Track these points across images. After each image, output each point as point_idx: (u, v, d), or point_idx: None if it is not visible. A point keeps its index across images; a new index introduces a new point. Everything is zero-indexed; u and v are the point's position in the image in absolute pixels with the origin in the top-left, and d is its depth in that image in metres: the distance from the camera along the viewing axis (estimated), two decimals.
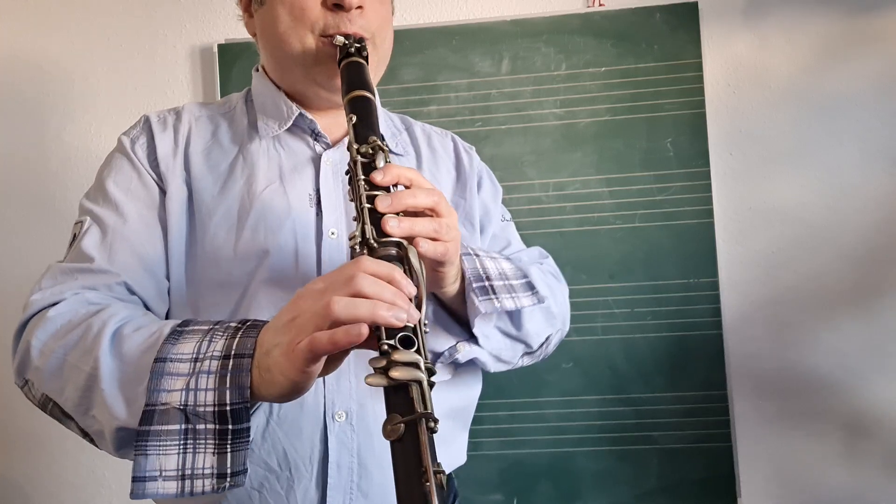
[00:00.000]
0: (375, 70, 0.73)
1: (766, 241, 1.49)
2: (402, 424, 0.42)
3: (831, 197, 1.47)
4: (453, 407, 0.74)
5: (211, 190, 0.68)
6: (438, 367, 0.66)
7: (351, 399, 0.65)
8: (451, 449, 0.75)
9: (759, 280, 1.48)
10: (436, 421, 0.42)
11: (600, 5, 1.52)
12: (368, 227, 0.51)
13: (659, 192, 1.47)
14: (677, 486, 1.44)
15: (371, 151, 0.55)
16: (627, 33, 1.49)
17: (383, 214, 0.51)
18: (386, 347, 0.44)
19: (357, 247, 0.51)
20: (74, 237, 0.66)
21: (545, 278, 0.75)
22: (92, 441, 0.56)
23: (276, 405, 0.63)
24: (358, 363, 0.65)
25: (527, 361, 0.76)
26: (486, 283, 0.63)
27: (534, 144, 1.50)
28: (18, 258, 1.58)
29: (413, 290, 0.48)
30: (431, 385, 0.45)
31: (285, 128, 0.72)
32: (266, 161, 0.71)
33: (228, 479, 0.48)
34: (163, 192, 0.68)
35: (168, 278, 0.67)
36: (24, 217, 1.59)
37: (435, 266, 0.58)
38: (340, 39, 0.65)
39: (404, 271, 0.49)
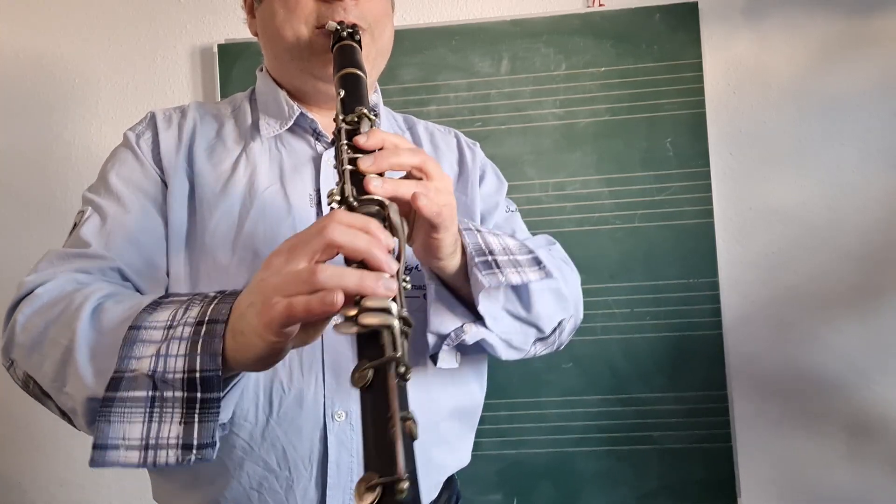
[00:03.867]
0: (374, 63, 0.72)
1: (766, 241, 1.49)
2: (371, 370, 0.39)
3: (831, 197, 1.47)
4: (458, 407, 0.73)
5: (213, 187, 0.68)
6: (444, 350, 0.64)
7: (351, 398, 0.65)
8: (456, 450, 0.75)
9: (759, 280, 1.48)
10: (407, 367, 0.40)
11: (600, 5, 1.52)
12: (348, 186, 0.49)
13: (659, 192, 1.47)
14: (677, 486, 1.44)
15: (356, 119, 0.54)
16: (627, 33, 1.49)
17: (365, 175, 0.49)
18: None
19: (335, 205, 0.49)
20: (75, 225, 0.67)
21: (555, 262, 0.73)
22: (70, 421, 0.55)
23: (276, 404, 0.63)
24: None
25: (540, 349, 0.73)
26: (490, 258, 0.60)
27: (534, 144, 1.50)
28: (18, 257, 1.58)
29: (391, 243, 0.46)
30: (405, 334, 0.42)
31: (286, 127, 0.72)
32: (268, 161, 0.71)
33: (194, 452, 0.46)
34: (165, 186, 0.68)
35: (168, 273, 0.67)
36: (25, 216, 1.60)
37: (429, 232, 0.55)
38: (332, 25, 0.65)
39: (385, 228, 0.47)
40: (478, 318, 0.64)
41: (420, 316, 0.64)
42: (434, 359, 0.65)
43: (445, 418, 0.71)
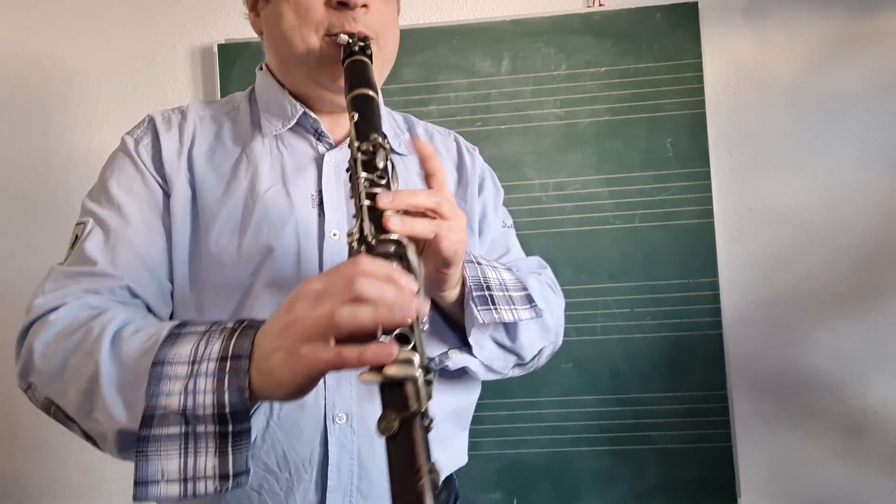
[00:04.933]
0: (380, 70, 0.72)
1: (765, 241, 1.49)
2: (397, 421, 0.41)
3: (831, 197, 1.47)
4: (451, 408, 0.73)
5: (214, 191, 0.68)
6: None
7: (351, 401, 0.65)
8: (450, 449, 0.75)
9: (759, 280, 1.48)
10: (431, 420, 0.42)
11: (600, 5, 1.51)
12: (367, 225, 0.50)
13: (659, 192, 1.47)
14: (676, 486, 1.44)
15: (372, 149, 0.55)
16: (627, 33, 1.49)
17: (383, 212, 0.50)
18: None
19: (355, 244, 0.50)
20: (76, 238, 0.66)
21: (543, 290, 0.75)
22: (95, 444, 0.56)
23: (276, 406, 0.63)
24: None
25: (517, 373, 0.76)
26: (487, 293, 0.63)
27: (534, 144, 1.50)
28: (19, 258, 1.58)
29: (415, 287, 0.47)
30: (428, 383, 0.44)
31: (289, 126, 0.72)
32: (269, 161, 0.70)
33: (231, 480, 0.48)
34: (166, 194, 0.68)
35: (171, 280, 0.67)
36: (25, 217, 1.60)
37: (440, 267, 0.57)
38: (344, 38, 0.65)
39: (402, 269, 0.49)
40: (464, 345, 0.67)
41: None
42: None
43: (441, 419, 0.72)
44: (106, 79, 1.60)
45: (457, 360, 0.66)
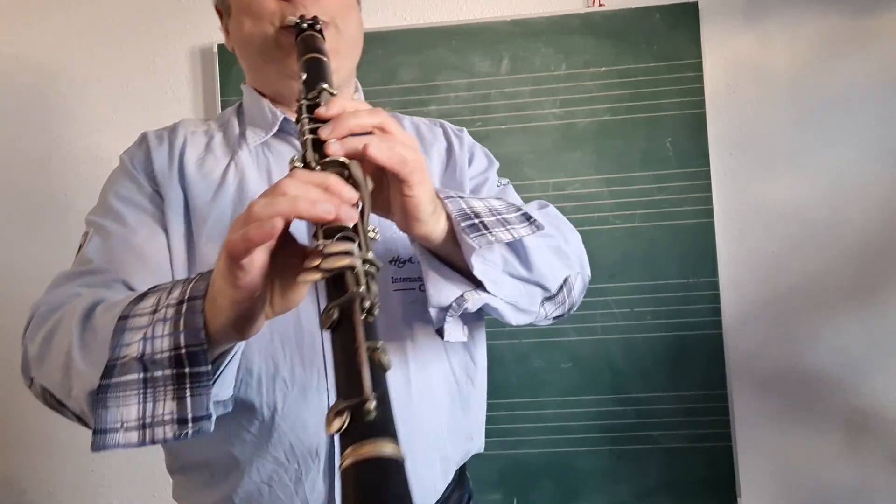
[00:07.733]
0: (347, 54, 0.73)
1: (766, 240, 1.49)
2: (337, 310, 0.38)
3: (831, 196, 1.48)
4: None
5: (204, 196, 0.69)
6: (449, 323, 0.62)
7: None
8: (460, 436, 0.76)
9: (759, 279, 1.48)
10: (373, 303, 0.39)
11: (600, 5, 1.52)
12: (310, 153, 0.49)
13: (658, 192, 1.47)
14: (677, 485, 1.44)
15: (317, 95, 0.55)
16: (627, 33, 1.49)
17: (325, 142, 0.50)
18: (319, 245, 0.42)
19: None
20: (80, 248, 0.68)
21: (549, 220, 0.72)
22: (86, 424, 0.55)
23: (280, 401, 0.64)
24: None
25: (550, 309, 0.71)
26: (476, 220, 0.59)
27: (533, 144, 1.50)
28: (19, 258, 1.58)
29: (353, 195, 0.46)
30: (370, 275, 0.41)
31: (272, 133, 0.74)
32: (256, 167, 0.72)
33: (190, 425, 0.47)
34: (162, 200, 0.69)
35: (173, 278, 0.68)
36: (25, 217, 1.60)
37: (401, 190, 0.53)
38: (292, 20, 0.67)
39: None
40: (478, 286, 0.63)
41: (421, 305, 0.64)
42: (440, 332, 0.63)
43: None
44: (106, 79, 1.60)
45: (475, 300, 0.61)
